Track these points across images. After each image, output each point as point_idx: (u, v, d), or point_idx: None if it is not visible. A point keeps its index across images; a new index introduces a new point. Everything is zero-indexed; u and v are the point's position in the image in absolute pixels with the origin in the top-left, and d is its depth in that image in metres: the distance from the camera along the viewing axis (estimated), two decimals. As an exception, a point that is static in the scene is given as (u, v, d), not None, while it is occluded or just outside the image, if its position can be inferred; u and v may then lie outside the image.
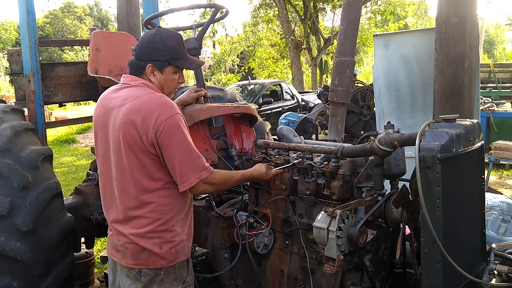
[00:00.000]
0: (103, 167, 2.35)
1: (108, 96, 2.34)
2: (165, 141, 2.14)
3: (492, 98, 11.37)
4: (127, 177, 2.21)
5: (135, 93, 2.23)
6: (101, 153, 2.34)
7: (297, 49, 22.44)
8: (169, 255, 2.26)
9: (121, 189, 2.25)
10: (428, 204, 1.97)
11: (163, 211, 2.24)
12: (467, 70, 5.00)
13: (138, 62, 2.31)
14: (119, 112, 2.20)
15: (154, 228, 2.23)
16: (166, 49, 2.28)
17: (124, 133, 2.16)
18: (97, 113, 2.35)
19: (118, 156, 2.22)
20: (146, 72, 2.30)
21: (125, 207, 2.25)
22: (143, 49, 2.30)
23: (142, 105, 2.16)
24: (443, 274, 2.03)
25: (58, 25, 48.63)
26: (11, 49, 4.34)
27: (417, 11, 39.67)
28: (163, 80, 2.33)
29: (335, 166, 2.60)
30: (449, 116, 2.12)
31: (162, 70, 2.31)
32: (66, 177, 9.47)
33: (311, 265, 2.69)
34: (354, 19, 4.42)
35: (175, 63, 2.32)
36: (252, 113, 3.35)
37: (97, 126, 2.35)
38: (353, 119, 9.81)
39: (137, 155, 2.17)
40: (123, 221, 2.27)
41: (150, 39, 2.30)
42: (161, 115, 2.13)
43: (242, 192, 3.06)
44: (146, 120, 2.13)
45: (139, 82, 2.30)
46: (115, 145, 2.22)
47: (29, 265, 2.75)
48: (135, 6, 10.69)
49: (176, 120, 2.16)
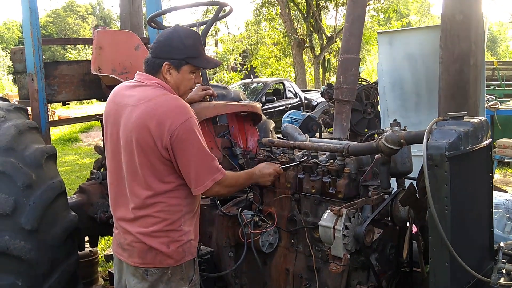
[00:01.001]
0: (111, 164, 2.33)
1: (122, 93, 2.30)
2: (179, 146, 2.12)
3: (496, 96, 11.33)
4: (137, 178, 2.20)
5: (149, 94, 2.19)
6: (110, 150, 2.32)
7: (299, 48, 22.41)
8: (176, 254, 2.25)
9: (130, 189, 2.24)
10: (436, 202, 1.95)
11: (171, 211, 2.22)
12: (473, 68, 4.96)
13: (155, 60, 2.27)
14: (133, 113, 2.16)
15: (161, 227, 2.21)
16: (183, 47, 2.25)
17: (138, 135, 2.14)
18: (109, 109, 2.32)
19: (130, 157, 2.20)
20: (162, 70, 2.26)
21: (133, 206, 2.23)
22: (161, 47, 2.27)
23: (157, 108, 2.13)
24: (451, 273, 2.01)
25: (60, 24, 48.70)
26: (14, 48, 4.33)
27: (420, 9, 39.62)
28: (180, 79, 2.30)
29: (341, 164, 2.58)
30: (457, 113, 2.10)
31: (179, 69, 2.27)
32: (70, 176, 9.48)
33: (317, 264, 2.67)
34: (359, 16, 4.38)
35: (192, 62, 2.29)
36: (257, 111, 3.33)
37: (108, 122, 2.32)
38: (357, 117, 9.77)
39: (150, 158, 2.15)
40: (130, 220, 2.26)
41: (168, 37, 2.27)
42: (176, 120, 2.10)
43: (247, 191, 3.05)
44: (160, 124, 2.10)
45: (154, 82, 2.26)
46: (126, 145, 2.20)
47: (34, 264, 2.74)
48: (138, 5, 10.71)
49: (191, 125, 2.14)
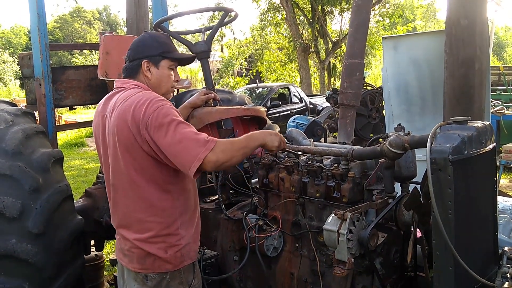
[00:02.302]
0: (106, 173, 2.35)
1: (104, 103, 2.35)
2: (157, 133, 2.06)
3: (502, 101, 11.30)
4: (125, 181, 2.20)
5: (125, 95, 2.22)
6: (103, 160, 2.35)
7: (305, 53, 22.45)
8: (174, 259, 2.25)
9: (121, 194, 2.25)
10: (440, 206, 1.95)
11: (165, 214, 2.22)
12: (478, 73, 4.96)
13: (133, 63, 2.33)
14: (112, 116, 2.19)
15: (157, 232, 2.21)
16: (157, 44, 2.33)
17: (119, 136, 2.14)
18: (96, 122, 2.37)
19: (116, 161, 2.20)
20: (142, 69, 2.31)
21: (126, 211, 2.25)
22: (135, 49, 2.35)
23: (130, 105, 2.13)
24: (455, 278, 2.01)
25: (67, 30, 49.02)
26: (22, 53, 4.38)
27: (425, 14, 39.50)
28: (160, 75, 2.33)
29: (345, 168, 2.59)
30: (461, 118, 2.10)
31: (157, 64, 2.32)
32: (76, 180, 9.52)
33: (321, 268, 2.68)
34: (363, 21, 4.41)
35: (168, 55, 2.34)
36: (261, 115, 3.34)
37: (96, 135, 2.37)
38: (362, 122, 9.77)
39: (134, 156, 2.14)
40: (126, 226, 2.28)
41: (140, 39, 2.38)
42: (147, 110, 2.08)
43: (251, 195, 3.06)
44: (134, 118, 2.09)
45: (130, 84, 2.29)
46: (111, 150, 2.21)
47: (40, 267, 2.76)
48: (144, 11, 10.76)
49: (163, 111, 2.09)
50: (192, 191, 2.38)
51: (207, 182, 3.49)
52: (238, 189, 3.15)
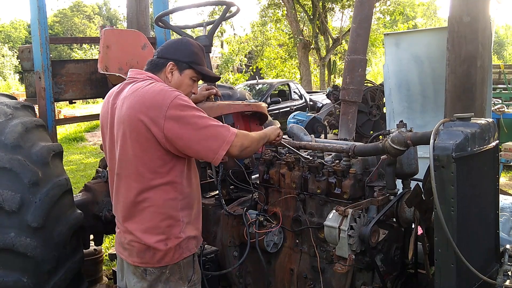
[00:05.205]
0: (110, 163, 2.34)
1: (114, 93, 2.33)
2: (177, 125, 2.09)
3: (502, 99, 11.28)
4: (131, 171, 2.20)
5: (138, 86, 2.22)
6: (108, 150, 2.34)
7: (305, 49, 22.41)
8: (173, 252, 2.24)
9: (125, 184, 2.24)
10: (442, 203, 1.94)
11: (166, 205, 2.21)
12: (480, 70, 4.95)
13: (159, 59, 2.32)
14: (123, 106, 2.18)
15: (157, 223, 2.21)
16: (190, 52, 2.33)
17: (130, 126, 2.14)
18: (104, 110, 2.36)
19: (124, 150, 2.20)
20: (165, 69, 2.30)
21: (129, 202, 2.24)
22: (167, 48, 2.35)
23: (144, 95, 2.13)
24: (456, 275, 2.00)
25: (67, 24, 48.91)
26: (22, 46, 4.35)
27: (426, 11, 39.49)
28: (180, 81, 2.33)
29: (347, 165, 2.58)
30: (464, 114, 2.09)
31: (181, 71, 2.32)
32: (75, 175, 9.50)
33: (321, 264, 2.67)
34: (366, 17, 4.38)
35: (196, 68, 2.35)
36: (262, 111, 3.33)
37: (103, 123, 2.35)
38: (363, 119, 9.74)
39: (144, 147, 2.14)
40: (128, 217, 2.26)
41: (176, 41, 2.39)
42: (164, 101, 2.09)
43: (252, 191, 3.05)
44: (149, 110, 2.09)
45: (145, 76, 2.29)
46: (120, 139, 2.20)
47: (39, 261, 2.75)
48: (145, 5, 10.75)
49: (180, 102, 2.11)
50: (195, 185, 2.37)
51: (207, 177, 3.48)
52: (238, 184, 3.14)
